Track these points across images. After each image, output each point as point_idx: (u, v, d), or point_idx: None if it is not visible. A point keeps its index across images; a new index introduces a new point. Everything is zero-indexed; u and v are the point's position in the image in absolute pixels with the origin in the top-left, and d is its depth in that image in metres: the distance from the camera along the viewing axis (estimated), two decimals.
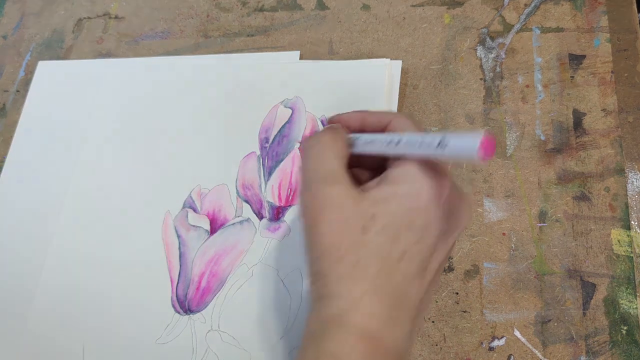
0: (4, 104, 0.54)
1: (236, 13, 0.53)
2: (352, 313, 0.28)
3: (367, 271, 0.28)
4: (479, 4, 0.48)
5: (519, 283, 0.39)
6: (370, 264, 0.29)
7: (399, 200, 0.29)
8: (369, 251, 0.29)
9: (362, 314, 0.28)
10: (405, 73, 0.47)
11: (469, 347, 0.38)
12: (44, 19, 0.57)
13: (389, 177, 0.30)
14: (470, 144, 0.24)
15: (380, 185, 0.30)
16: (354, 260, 0.29)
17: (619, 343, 0.37)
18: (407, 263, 0.29)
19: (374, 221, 0.29)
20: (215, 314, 0.41)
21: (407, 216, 0.29)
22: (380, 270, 0.29)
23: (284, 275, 0.41)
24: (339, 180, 0.30)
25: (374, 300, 0.28)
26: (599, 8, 0.46)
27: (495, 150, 0.25)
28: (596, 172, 0.41)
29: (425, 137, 0.28)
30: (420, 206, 0.29)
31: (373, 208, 0.29)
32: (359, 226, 0.29)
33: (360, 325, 0.28)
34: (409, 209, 0.29)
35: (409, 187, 0.29)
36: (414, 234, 0.29)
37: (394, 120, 0.32)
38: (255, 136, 0.46)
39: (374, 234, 0.29)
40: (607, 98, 0.43)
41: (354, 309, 0.28)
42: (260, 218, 0.43)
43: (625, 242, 0.39)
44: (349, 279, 0.28)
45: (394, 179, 0.30)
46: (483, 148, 0.24)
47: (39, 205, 0.47)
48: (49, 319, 0.43)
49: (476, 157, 0.24)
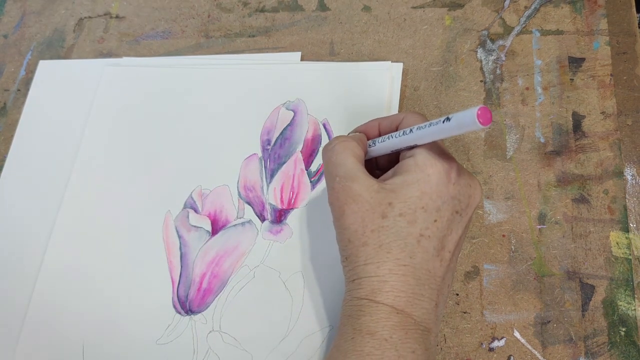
0: (5, 103, 0.54)
1: (237, 13, 0.53)
2: (381, 292, 0.32)
3: (390, 252, 0.32)
4: (480, 6, 0.48)
5: (518, 284, 0.40)
6: (392, 246, 0.32)
7: (412, 186, 0.32)
8: (389, 235, 0.32)
9: (389, 291, 0.32)
10: (405, 75, 0.47)
11: (469, 347, 0.39)
12: (45, 18, 0.57)
13: (401, 167, 0.34)
14: (471, 113, 0.29)
15: (394, 175, 0.34)
16: (377, 244, 0.32)
17: (618, 344, 0.38)
18: (426, 242, 0.32)
19: (391, 207, 0.32)
20: (216, 315, 0.41)
21: (421, 200, 0.32)
22: (402, 251, 0.32)
23: (286, 278, 0.41)
24: (358, 176, 0.34)
25: (399, 279, 0.32)
26: (598, 11, 0.46)
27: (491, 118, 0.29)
28: (595, 174, 0.42)
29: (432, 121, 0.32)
30: (432, 190, 0.32)
31: (390, 196, 0.33)
32: (379, 213, 0.32)
33: (388, 301, 0.31)
34: (422, 193, 0.32)
35: (419, 173, 0.33)
36: (429, 216, 0.32)
37: (406, 117, 0.36)
38: (256, 138, 0.46)
39: (392, 219, 0.32)
40: (607, 101, 0.43)
41: (381, 288, 0.32)
42: (262, 220, 0.43)
43: (623, 245, 0.40)
44: (374, 261, 0.32)
45: (406, 169, 0.33)
46: (481, 115, 0.29)
47: (39, 205, 0.47)
48: (49, 318, 0.43)
49: (477, 123, 0.29)
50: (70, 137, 0.50)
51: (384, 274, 0.32)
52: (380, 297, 0.31)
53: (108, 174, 0.47)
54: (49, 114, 0.51)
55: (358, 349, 0.31)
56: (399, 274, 0.32)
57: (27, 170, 0.49)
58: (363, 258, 0.32)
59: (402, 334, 0.31)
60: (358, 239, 0.33)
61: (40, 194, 0.48)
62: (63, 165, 0.48)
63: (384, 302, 0.31)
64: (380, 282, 0.32)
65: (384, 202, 0.32)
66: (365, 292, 0.32)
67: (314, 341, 0.39)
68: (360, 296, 0.32)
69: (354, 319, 0.32)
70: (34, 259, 0.45)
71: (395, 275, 0.32)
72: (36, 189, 0.48)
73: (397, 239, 0.32)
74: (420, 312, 0.32)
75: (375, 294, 0.32)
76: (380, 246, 0.32)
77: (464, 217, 0.34)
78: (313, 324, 0.40)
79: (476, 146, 0.44)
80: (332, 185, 0.34)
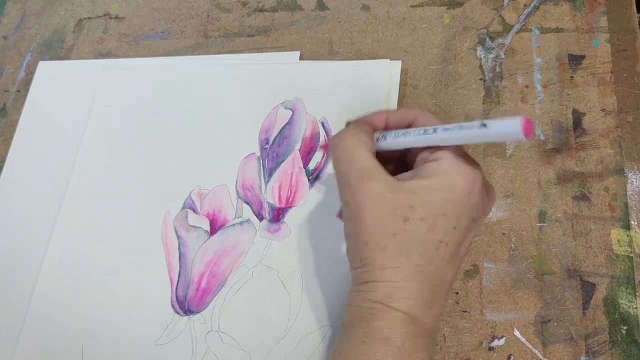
0: (5, 104, 0.54)
1: (236, 13, 0.53)
2: (396, 298, 0.31)
3: (410, 259, 0.31)
4: (479, 4, 0.48)
5: (518, 283, 0.40)
6: (412, 251, 0.31)
7: (436, 192, 0.31)
8: (410, 240, 0.31)
9: (404, 298, 0.30)
10: (405, 73, 0.47)
11: (469, 346, 0.39)
12: (45, 19, 0.57)
13: (425, 170, 0.32)
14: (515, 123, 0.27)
15: (417, 177, 0.32)
16: (398, 249, 0.31)
17: (619, 343, 0.37)
18: (444, 249, 0.31)
19: (413, 211, 0.31)
20: (215, 314, 0.41)
21: (444, 207, 0.31)
22: (421, 257, 0.31)
23: (284, 277, 0.41)
24: (375, 173, 0.32)
25: (415, 286, 0.31)
26: (598, 8, 0.46)
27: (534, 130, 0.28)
28: (596, 172, 0.41)
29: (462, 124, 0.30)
30: (456, 197, 0.31)
31: (412, 199, 0.31)
32: (401, 216, 0.31)
33: (403, 308, 0.30)
34: (445, 200, 0.31)
35: (445, 180, 0.31)
36: (450, 223, 0.31)
37: (420, 116, 0.34)
38: (255, 137, 0.46)
39: (414, 223, 0.31)
40: (607, 98, 0.43)
41: (397, 294, 0.31)
42: (260, 219, 0.43)
43: (624, 242, 0.39)
44: (393, 266, 0.31)
45: (431, 172, 0.32)
46: (525, 126, 0.27)
47: (38, 205, 0.48)
48: (48, 319, 0.43)
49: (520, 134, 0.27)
50: (70, 138, 0.50)
51: (402, 279, 0.31)
52: (395, 303, 0.30)
53: (107, 174, 0.47)
54: (48, 115, 0.51)
55: (370, 354, 0.30)
56: (416, 280, 0.31)
57: (27, 171, 0.49)
58: (380, 262, 0.31)
59: (413, 342, 0.30)
60: (377, 242, 0.31)
61: (40, 195, 0.48)
62: (63, 166, 0.48)
63: (399, 308, 0.30)
64: (397, 288, 0.31)
65: (405, 205, 0.31)
66: (379, 296, 0.31)
67: (312, 341, 0.39)
68: (374, 299, 0.31)
69: (366, 322, 0.31)
70: (34, 259, 0.45)
71: (413, 282, 0.31)
72: (36, 189, 0.48)
73: (417, 244, 0.31)
74: (430, 319, 0.31)
75: (390, 299, 0.30)
76: (400, 251, 0.31)
77: (478, 223, 0.33)
78: (311, 324, 0.40)
79: (475, 144, 0.44)
80: (347, 181, 0.32)
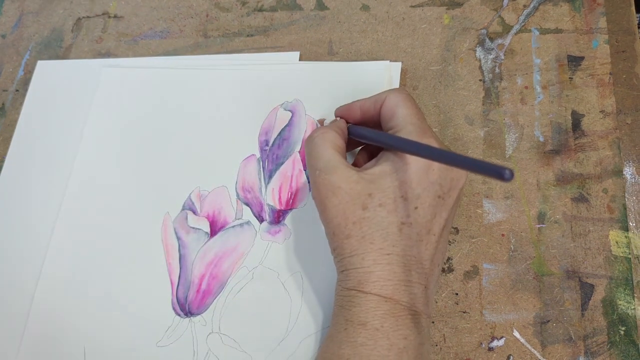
0: (3, 104, 0.54)
1: (236, 13, 0.53)
2: (367, 282, 0.32)
3: (373, 243, 0.32)
4: (478, 4, 0.48)
5: (518, 284, 0.40)
6: (375, 236, 0.32)
7: (391, 177, 0.33)
8: (371, 225, 0.32)
9: (375, 281, 0.32)
10: (404, 74, 0.47)
11: (469, 347, 0.39)
12: (43, 18, 0.57)
13: (383, 156, 0.34)
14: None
15: (377, 165, 0.34)
16: (360, 236, 0.32)
17: (617, 343, 0.38)
18: (408, 230, 0.32)
19: (371, 199, 0.33)
20: (215, 316, 0.41)
21: (400, 189, 0.32)
22: (384, 241, 0.32)
23: (285, 279, 0.41)
24: (336, 167, 0.34)
25: (384, 268, 0.32)
26: (597, 9, 0.46)
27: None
28: (594, 173, 0.42)
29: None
30: (411, 178, 0.33)
31: (369, 187, 0.33)
32: (359, 205, 0.33)
33: (375, 291, 0.32)
34: (401, 182, 0.32)
35: (399, 162, 0.33)
36: (410, 204, 0.32)
37: (388, 97, 0.36)
38: (255, 138, 0.46)
39: (372, 210, 0.32)
40: (606, 99, 0.43)
41: (368, 279, 0.32)
42: (260, 221, 0.43)
43: (623, 244, 0.40)
44: (359, 252, 0.32)
45: (388, 158, 0.34)
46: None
47: (38, 206, 0.47)
48: (50, 321, 0.43)
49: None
50: (69, 138, 0.49)
51: (369, 264, 0.32)
52: (367, 287, 0.32)
53: (106, 175, 0.47)
54: (47, 114, 0.51)
55: (351, 339, 0.31)
56: (384, 263, 0.32)
57: (26, 170, 0.49)
58: (348, 250, 0.33)
59: (393, 321, 0.31)
60: (341, 231, 0.33)
61: (39, 195, 0.48)
62: (62, 166, 0.48)
63: (371, 292, 0.32)
64: (367, 273, 0.32)
65: (363, 193, 0.33)
66: (353, 283, 0.33)
67: (313, 342, 0.39)
68: (349, 287, 0.33)
69: (346, 310, 0.33)
70: (33, 260, 0.45)
71: (380, 265, 0.32)
72: (35, 189, 0.48)
73: (379, 229, 0.32)
74: (408, 298, 0.32)
75: (362, 284, 0.32)
76: (363, 237, 0.32)
77: (448, 200, 0.34)
78: (312, 325, 0.40)
79: (475, 145, 0.44)
80: (313, 179, 0.35)
